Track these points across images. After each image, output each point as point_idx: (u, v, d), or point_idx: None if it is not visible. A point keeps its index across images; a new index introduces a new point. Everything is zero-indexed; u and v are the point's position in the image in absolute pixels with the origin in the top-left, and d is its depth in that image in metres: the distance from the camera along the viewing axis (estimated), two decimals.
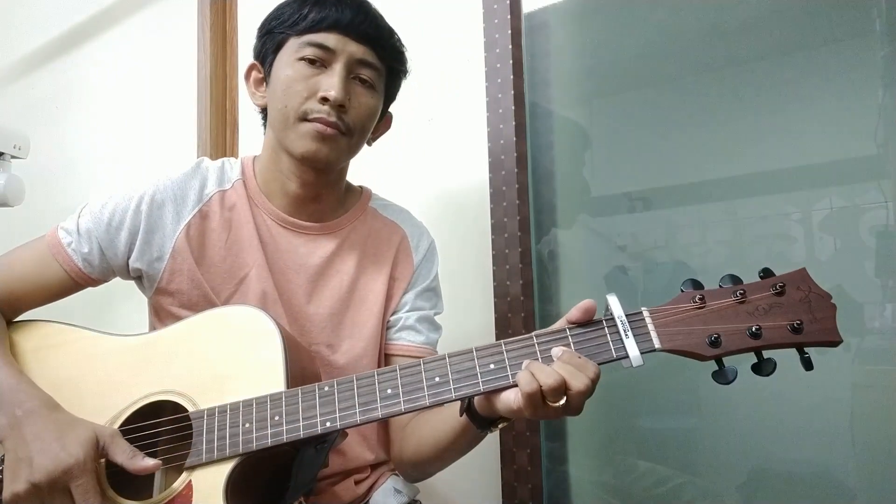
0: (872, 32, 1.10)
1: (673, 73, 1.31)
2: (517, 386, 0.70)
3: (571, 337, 0.73)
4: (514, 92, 1.33)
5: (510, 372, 0.72)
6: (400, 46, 1.01)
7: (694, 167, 1.27)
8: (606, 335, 0.72)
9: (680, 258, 1.27)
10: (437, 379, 0.74)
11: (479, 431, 0.80)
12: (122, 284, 1.03)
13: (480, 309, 1.36)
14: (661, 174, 1.30)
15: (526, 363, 0.71)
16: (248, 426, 0.77)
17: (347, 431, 0.88)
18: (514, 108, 1.33)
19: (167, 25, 2.01)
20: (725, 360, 0.71)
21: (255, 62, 1.01)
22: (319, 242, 1.02)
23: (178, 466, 0.79)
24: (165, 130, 1.99)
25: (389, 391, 0.75)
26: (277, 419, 0.76)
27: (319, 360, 0.98)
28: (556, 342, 0.73)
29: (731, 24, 1.23)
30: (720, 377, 0.70)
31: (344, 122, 0.93)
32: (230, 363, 0.82)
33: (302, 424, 0.75)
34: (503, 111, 1.34)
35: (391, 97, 1.05)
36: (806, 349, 0.70)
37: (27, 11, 2.43)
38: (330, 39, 0.92)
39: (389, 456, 1.04)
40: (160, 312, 0.99)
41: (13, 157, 1.71)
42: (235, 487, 0.76)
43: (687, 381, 1.23)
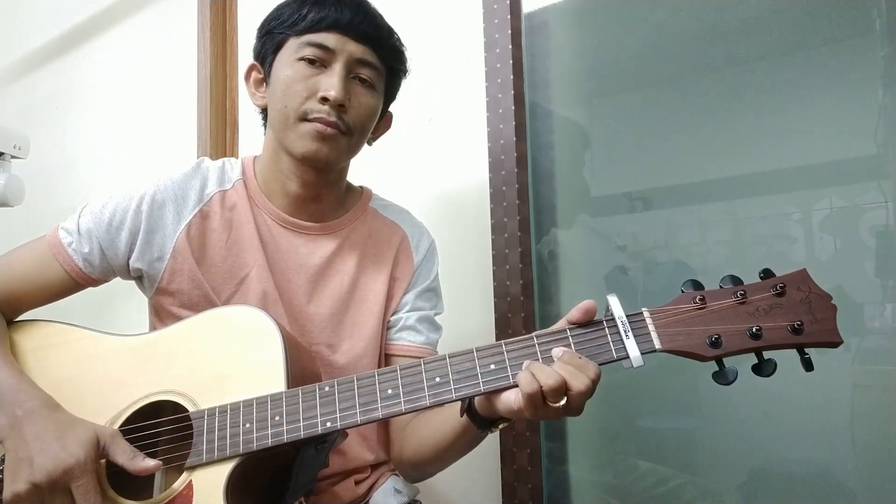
0: (872, 32, 1.10)
1: (673, 73, 1.31)
2: (518, 386, 0.70)
3: (572, 337, 0.73)
4: (514, 92, 1.33)
5: (511, 372, 0.72)
6: (399, 46, 1.01)
7: (694, 167, 1.27)
8: (607, 336, 0.72)
9: (680, 258, 1.27)
10: (437, 379, 0.74)
11: (479, 432, 0.80)
12: (122, 284, 1.03)
13: (480, 309, 1.36)
14: (660, 174, 1.30)
15: (526, 363, 0.71)
16: (248, 426, 0.77)
17: (348, 431, 0.88)
18: (514, 108, 1.33)
19: (167, 25, 2.01)
20: (726, 360, 0.71)
21: (254, 62, 1.01)
22: (320, 242, 1.02)
23: (178, 466, 0.79)
24: (165, 130, 1.99)
25: (390, 391, 0.75)
26: (278, 419, 0.76)
27: (320, 360, 0.98)
28: (556, 343, 0.73)
29: (731, 24, 1.23)
30: (721, 378, 0.70)
31: (344, 121, 0.93)
32: (230, 363, 0.82)
33: (302, 424, 0.75)
34: (503, 111, 1.34)
35: (391, 97, 1.05)
36: (806, 350, 0.70)
37: (27, 12, 2.43)
38: (329, 39, 0.92)
39: (389, 456, 1.04)
40: (160, 312, 0.99)
41: (13, 157, 1.72)
42: (236, 487, 0.76)
43: (687, 381, 1.23)
